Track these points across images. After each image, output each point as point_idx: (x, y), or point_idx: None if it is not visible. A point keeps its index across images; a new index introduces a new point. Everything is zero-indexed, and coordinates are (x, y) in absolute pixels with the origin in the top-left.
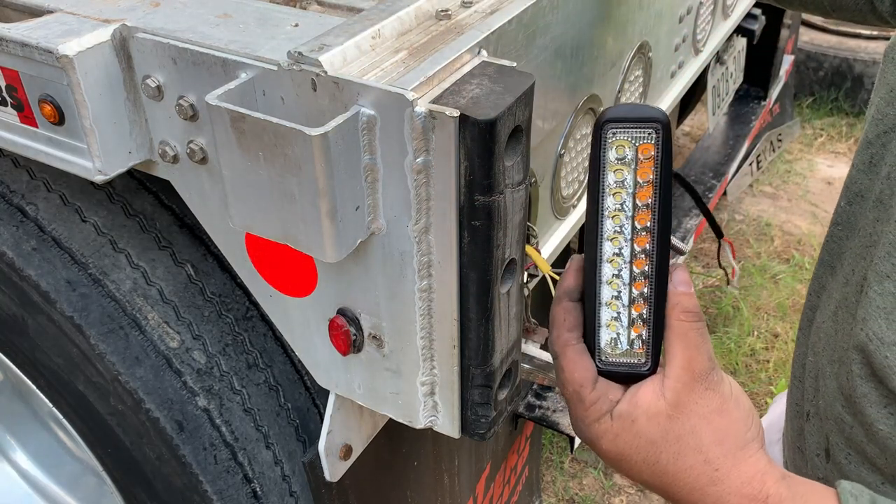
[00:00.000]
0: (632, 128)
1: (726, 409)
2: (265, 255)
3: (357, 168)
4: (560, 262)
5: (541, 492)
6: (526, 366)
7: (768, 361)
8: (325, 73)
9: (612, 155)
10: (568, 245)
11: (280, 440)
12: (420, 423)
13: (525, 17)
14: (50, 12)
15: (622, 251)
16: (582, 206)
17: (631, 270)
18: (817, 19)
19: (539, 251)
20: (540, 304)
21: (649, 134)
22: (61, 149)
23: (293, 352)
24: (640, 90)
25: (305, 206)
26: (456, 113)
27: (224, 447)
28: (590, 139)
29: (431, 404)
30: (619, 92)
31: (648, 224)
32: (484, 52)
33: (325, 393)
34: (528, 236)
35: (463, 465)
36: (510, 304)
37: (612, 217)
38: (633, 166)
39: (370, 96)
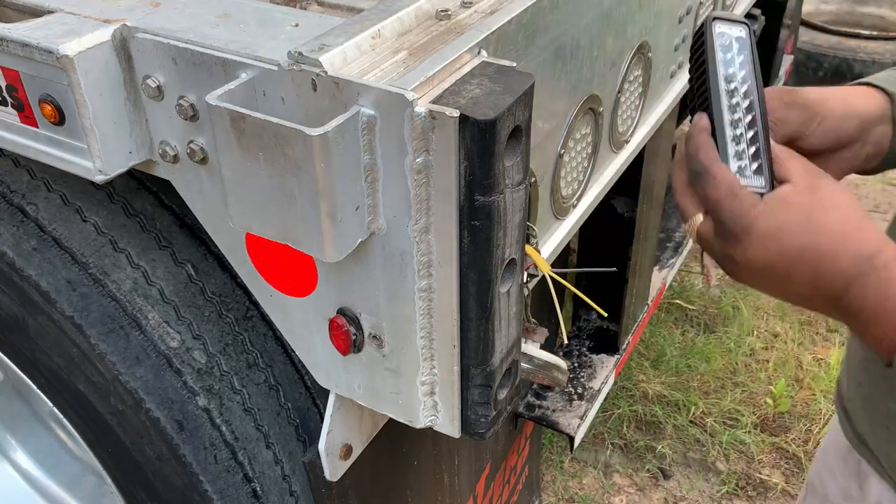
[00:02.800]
0: (732, 23)
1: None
2: (265, 254)
3: (357, 168)
4: (560, 262)
5: (541, 491)
6: (526, 365)
7: (768, 361)
8: (326, 73)
9: (719, 39)
10: (568, 245)
11: (280, 440)
12: (420, 422)
13: (525, 17)
14: (50, 12)
15: (737, 106)
16: (582, 206)
17: (745, 120)
18: (817, 19)
19: (539, 251)
20: (540, 304)
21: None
22: (62, 149)
23: (293, 351)
24: (640, 90)
25: (305, 206)
26: (456, 113)
27: (224, 447)
28: (590, 139)
29: (431, 404)
30: (618, 92)
31: (750, 84)
32: (484, 53)
33: (326, 393)
34: (527, 236)
35: (463, 465)
36: (510, 304)
37: (727, 80)
38: (737, 47)
39: (370, 96)
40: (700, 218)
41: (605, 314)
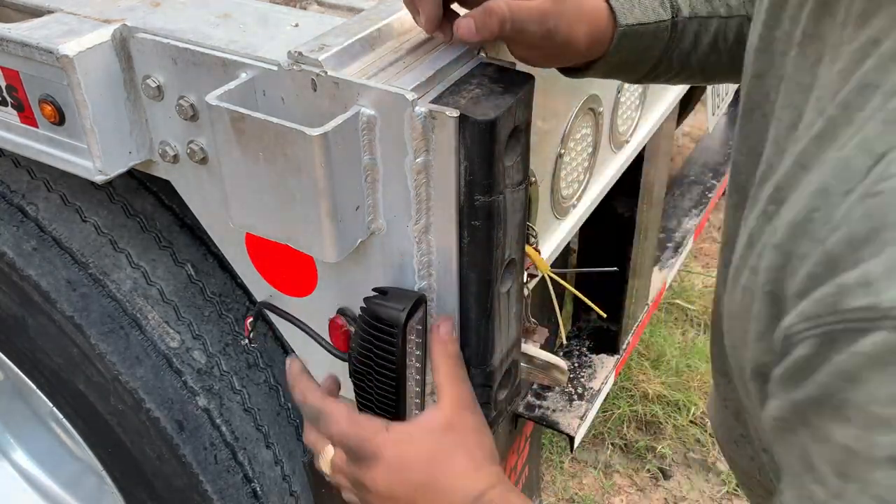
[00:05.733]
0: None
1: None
2: (265, 255)
3: (357, 168)
4: (560, 261)
5: (541, 491)
6: (526, 365)
7: None
8: (325, 73)
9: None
10: (568, 245)
11: (280, 440)
12: None
13: None
14: (50, 12)
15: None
16: (583, 206)
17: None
18: None
19: (539, 251)
20: (540, 304)
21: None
22: (62, 149)
23: (293, 351)
24: (641, 90)
25: (305, 206)
26: (456, 113)
27: (224, 447)
28: (590, 139)
29: (431, 404)
30: (618, 92)
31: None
32: (483, 53)
33: None
34: (527, 236)
35: None
36: (510, 304)
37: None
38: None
39: (370, 96)
40: (331, 450)
41: (605, 315)
